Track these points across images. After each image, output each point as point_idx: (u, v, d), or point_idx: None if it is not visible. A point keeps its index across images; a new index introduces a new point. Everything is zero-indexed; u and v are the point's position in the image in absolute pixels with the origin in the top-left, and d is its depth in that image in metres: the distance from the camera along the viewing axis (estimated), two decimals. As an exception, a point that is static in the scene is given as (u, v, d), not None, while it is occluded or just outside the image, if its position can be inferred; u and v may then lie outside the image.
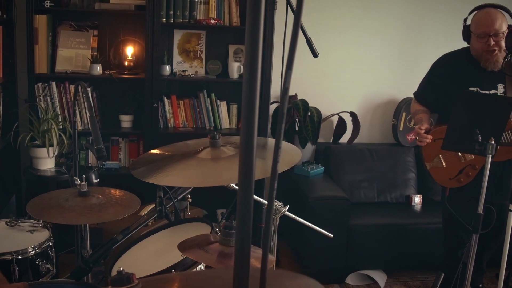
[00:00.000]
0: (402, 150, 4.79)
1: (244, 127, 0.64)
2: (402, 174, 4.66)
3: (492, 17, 3.21)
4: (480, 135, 2.82)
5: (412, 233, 4.15)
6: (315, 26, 4.65)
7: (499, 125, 2.89)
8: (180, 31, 4.49)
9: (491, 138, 2.79)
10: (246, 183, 0.66)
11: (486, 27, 3.20)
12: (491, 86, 3.30)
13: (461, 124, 2.93)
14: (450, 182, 3.36)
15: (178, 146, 2.34)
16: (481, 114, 2.88)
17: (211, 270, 1.88)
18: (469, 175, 3.31)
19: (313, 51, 2.83)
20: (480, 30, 3.22)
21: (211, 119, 4.45)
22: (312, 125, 4.53)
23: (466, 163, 3.32)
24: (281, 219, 2.49)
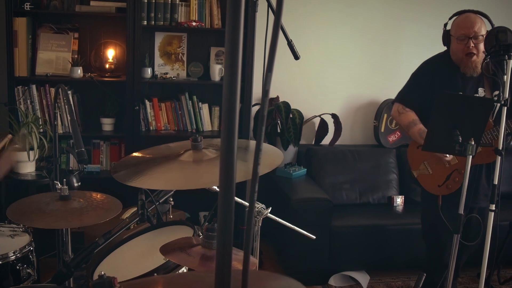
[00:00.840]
0: (384, 152, 4.82)
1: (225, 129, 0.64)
2: (383, 176, 4.69)
3: (471, 20, 3.25)
4: (460, 136, 2.85)
5: (394, 234, 4.17)
6: (296, 28, 4.66)
7: (479, 126, 2.91)
8: (161, 33, 4.48)
9: (471, 138, 2.81)
10: (227, 185, 0.66)
11: (466, 29, 3.24)
12: (473, 91, 3.33)
13: (441, 125, 2.95)
14: (440, 189, 3.37)
15: (159, 149, 2.33)
16: (461, 115, 2.90)
17: (193, 273, 1.87)
18: (457, 181, 3.33)
19: (295, 53, 2.83)
20: (460, 32, 3.25)
21: (193, 122, 4.44)
22: (294, 127, 4.54)
23: (452, 168, 3.34)
24: (263, 221, 2.49)
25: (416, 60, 3.56)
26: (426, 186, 3.44)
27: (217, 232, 0.68)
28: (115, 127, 4.38)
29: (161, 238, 2.18)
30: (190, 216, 4.35)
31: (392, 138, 4.87)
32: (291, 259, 4.11)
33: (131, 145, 4.17)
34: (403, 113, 3.43)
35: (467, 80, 3.34)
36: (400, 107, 3.45)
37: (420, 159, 3.43)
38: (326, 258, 4.07)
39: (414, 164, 3.48)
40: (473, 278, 4.27)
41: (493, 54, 3.13)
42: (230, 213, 0.67)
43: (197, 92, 4.51)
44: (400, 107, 3.46)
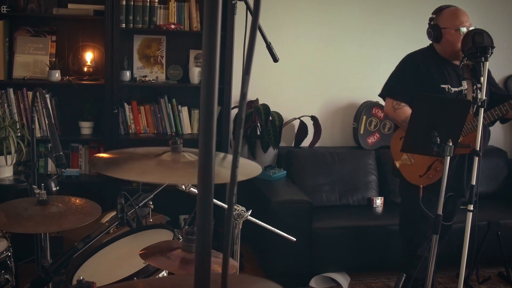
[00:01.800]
0: (363, 153, 4.84)
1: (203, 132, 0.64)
2: (363, 177, 4.71)
3: (466, 14, 3.37)
4: (438, 137, 2.87)
5: (374, 235, 4.20)
6: (275, 31, 4.67)
7: (457, 127, 2.94)
8: (140, 36, 4.46)
9: (449, 140, 2.84)
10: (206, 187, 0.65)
11: (466, 22, 3.34)
12: (458, 83, 3.38)
13: (419, 127, 2.98)
14: (421, 179, 3.40)
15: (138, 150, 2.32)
16: (439, 116, 2.93)
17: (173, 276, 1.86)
18: (438, 170, 3.34)
19: (273, 56, 2.83)
20: (461, 25, 3.32)
21: (172, 125, 4.43)
22: (274, 129, 4.55)
23: (433, 158, 3.36)
24: (244, 224, 2.49)
25: (395, 62, 3.59)
26: (407, 177, 3.46)
27: (196, 235, 0.67)
28: (93, 130, 4.35)
29: (140, 242, 2.17)
30: (170, 219, 4.33)
31: (371, 139, 4.90)
32: (272, 261, 4.11)
33: (110, 149, 4.13)
34: (399, 108, 3.42)
35: (453, 72, 3.39)
36: (394, 102, 3.43)
37: None
38: (306, 260, 4.08)
39: (396, 155, 3.49)
40: (452, 278, 4.31)
41: (470, 56, 3.17)
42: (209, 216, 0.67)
43: (177, 95, 4.49)
44: (394, 103, 3.43)
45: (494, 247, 4.22)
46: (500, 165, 5.18)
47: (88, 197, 2.59)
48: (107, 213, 3.43)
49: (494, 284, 4.28)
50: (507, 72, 5.50)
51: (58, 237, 3.59)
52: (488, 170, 4.95)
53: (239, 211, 2.42)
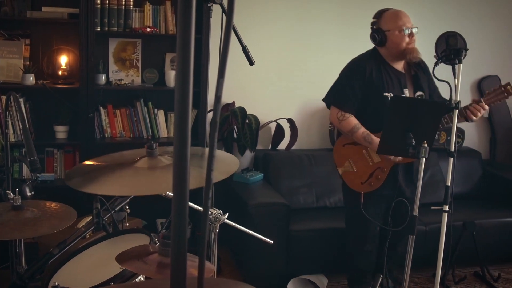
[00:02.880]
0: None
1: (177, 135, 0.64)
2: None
3: (406, 15, 3.42)
4: (413, 139, 2.90)
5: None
6: (251, 34, 4.68)
7: (431, 129, 2.98)
8: (115, 39, 4.43)
9: (424, 141, 2.87)
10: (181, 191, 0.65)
11: (408, 23, 3.39)
12: (400, 90, 3.43)
13: (395, 129, 3.00)
14: (362, 186, 3.45)
15: (114, 157, 2.31)
16: (414, 118, 2.96)
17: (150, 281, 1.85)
18: (379, 178, 3.42)
19: (249, 59, 2.83)
20: (403, 26, 3.37)
21: (148, 128, 4.41)
22: (250, 132, 4.55)
23: (375, 166, 3.42)
24: (221, 227, 2.49)
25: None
26: (349, 183, 3.52)
27: (171, 239, 0.67)
28: (69, 134, 4.31)
29: (117, 247, 2.15)
30: (147, 223, 4.31)
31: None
32: (250, 264, 4.11)
33: (85, 153, 4.11)
34: (344, 120, 3.42)
35: (395, 79, 3.44)
36: (340, 113, 3.43)
37: (345, 157, 3.51)
38: (284, 262, 4.08)
39: (339, 162, 3.55)
40: (428, 278, 4.34)
41: (444, 58, 3.21)
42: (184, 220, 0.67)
43: (153, 98, 4.47)
44: (339, 114, 3.43)
45: (469, 247, 4.27)
46: (474, 165, 5.23)
47: (63, 202, 2.56)
48: (83, 218, 3.40)
49: (470, 283, 4.33)
50: (480, 74, 5.57)
51: (33, 242, 3.55)
52: (463, 170, 5.01)
53: (216, 214, 2.42)
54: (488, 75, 5.58)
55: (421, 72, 3.53)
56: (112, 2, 4.17)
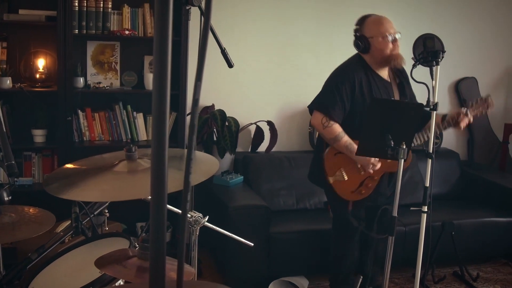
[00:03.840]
0: (319, 157, 4.88)
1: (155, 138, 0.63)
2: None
3: (389, 20, 3.45)
4: (392, 141, 2.92)
5: (331, 238, 4.22)
6: (231, 36, 4.68)
7: (410, 130, 3.00)
8: (93, 42, 4.41)
9: (403, 143, 2.89)
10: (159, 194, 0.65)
11: (391, 29, 3.41)
12: (387, 95, 3.45)
13: (374, 130, 3.02)
14: (352, 194, 3.47)
15: (93, 160, 2.29)
16: (393, 120, 2.98)
17: (129, 285, 1.84)
18: (369, 187, 3.44)
19: (228, 61, 2.83)
20: (386, 32, 3.39)
21: (127, 132, 4.38)
22: (230, 135, 4.55)
23: (366, 175, 3.44)
24: (202, 230, 2.48)
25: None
26: (340, 192, 3.50)
27: (150, 242, 0.67)
28: (47, 138, 4.27)
29: (96, 251, 2.14)
30: (127, 227, 4.29)
31: (327, 143, 4.94)
32: (230, 267, 4.10)
33: (64, 157, 4.07)
34: (328, 126, 3.39)
35: (380, 84, 3.47)
36: (324, 119, 3.40)
37: (337, 166, 3.49)
38: (264, 265, 4.09)
39: (330, 171, 3.50)
40: (408, 279, 4.37)
41: (422, 60, 3.24)
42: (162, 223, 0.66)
43: (132, 101, 4.45)
44: (324, 120, 3.40)
45: (448, 247, 4.31)
46: (453, 166, 5.29)
47: (42, 206, 2.54)
48: (62, 222, 3.37)
49: (449, 283, 4.37)
50: (457, 76, 5.63)
51: (11, 248, 3.51)
52: (441, 171, 5.06)
53: (196, 217, 2.41)
54: (465, 76, 5.64)
55: (404, 81, 3.56)
56: (90, 5, 4.15)
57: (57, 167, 4.14)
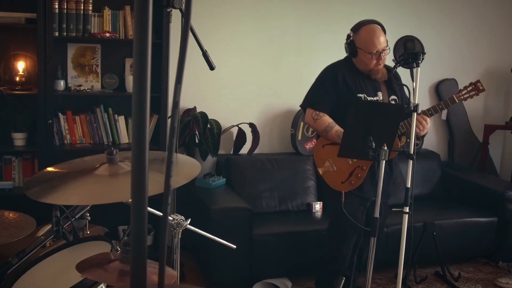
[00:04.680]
0: (301, 159, 4.89)
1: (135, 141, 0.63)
2: (302, 182, 4.76)
3: (381, 35, 3.43)
4: (373, 142, 2.93)
5: (314, 239, 4.23)
6: (212, 38, 4.67)
7: (391, 131, 3.01)
8: (74, 44, 4.37)
9: (384, 144, 2.91)
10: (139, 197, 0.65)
11: (378, 45, 3.40)
12: (373, 93, 3.48)
13: (355, 132, 3.03)
14: (343, 185, 3.48)
15: (74, 163, 2.28)
16: (374, 121, 2.99)
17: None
18: (359, 177, 3.45)
19: (210, 63, 2.83)
20: (373, 49, 3.39)
21: (109, 134, 4.36)
22: (212, 137, 4.54)
23: (354, 165, 3.46)
24: (184, 233, 2.47)
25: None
26: (330, 183, 3.54)
27: (131, 245, 0.66)
28: (27, 141, 4.23)
29: (78, 255, 2.12)
30: (109, 230, 4.26)
31: (309, 145, 4.95)
32: (213, 270, 4.09)
33: (44, 160, 4.04)
34: (318, 119, 3.49)
35: (369, 83, 3.49)
36: (314, 113, 3.51)
37: (325, 157, 3.53)
38: (247, 267, 4.08)
39: (319, 162, 3.58)
40: (391, 279, 4.39)
41: (403, 62, 3.27)
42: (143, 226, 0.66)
43: (113, 104, 4.43)
44: (313, 114, 3.51)
45: (430, 247, 4.33)
46: (434, 167, 5.33)
47: (22, 210, 2.52)
48: (43, 226, 3.34)
49: (431, 283, 4.39)
50: (438, 78, 5.67)
51: (-9, 252, 3.48)
52: (422, 172, 5.09)
53: (178, 220, 2.40)
54: (445, 78, 5.68)
55: (394, 80, 3.58)
56: (71, 7, 4.12)
57: (38, 170, 4.11)
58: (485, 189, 4.96)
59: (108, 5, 4.27)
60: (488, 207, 4.85)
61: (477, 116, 5.85)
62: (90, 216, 2.78)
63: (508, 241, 4.73)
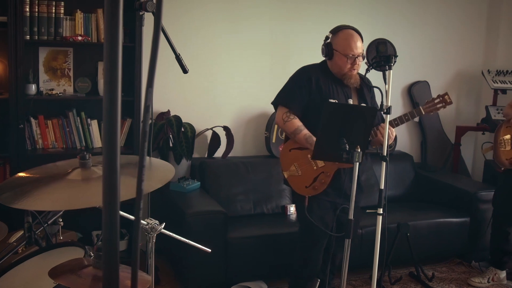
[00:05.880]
0: (276, 162, 4.88)
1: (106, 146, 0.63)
2: (276, 185, 4.76)
3: (358, 40, 3.43)
4: (347, 144, 2.95)
5: (289, 242, 4.23)
6: (186, 42, 4.66)
7: (364, 133, 3.03)
8: (45, 48, 4.33)
9: (357, 146, 2.92)
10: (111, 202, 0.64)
11: (355, 49, 3.40)
12: (345, 99, 3.49)
13: (329, 134, 3.05)
14: (307, 190, 3.48)
15: (46, 168, 2.25)
16: (347, 124, 3.01)
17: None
18: (323, 182, 3.46)
19: (183, 67, 2.82)
20: (349, 52, 3.39)
21: (82, 139, 4.32)
22: (186, 140, 4.52)
23: (319, 170, 3.47)
24: (159, 237, 2.46)
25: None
26: (294, 187, 3.55)
27: (103, 251, 0.66)
28: (-2, 147, 4.18)
29: (50, 261, 2.10)
30: (82, 236, 4.22)
31: (284, 148, 4.96)
32: (188, 274, 4.07)
33: (16, 166, 3.99)
34: (288, 121, 3.47)
35: (341, 89, 3.49)
36: (285, 115, 3.49)
37: (291, 161, 3.54)
38: (223, 271, 4.07)
39: (285, 166, 3.57)
40: (365, 280, 4.42)
41: (375, 64, 3.30)
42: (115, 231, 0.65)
43: (86, 108, 4.39)
44: (284, 115, 3.49)
45: (404, 248, 4.37)
46: (407, 169, 5.38)
47: (-7, 216, 2.49)
48: (15, 233, 3.29)
49: (405, 283, 4.43)
50: (410, 80, 5.73)
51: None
52: (396, 174, 5.14)
53: (152, 224, 2.39)
54: (417, 80, 5.74)
55: (365, 87, 3.59)
56: (42, 10, 4.07)
57: (9, 176, 4.05)
58: (458, 189, 5.02)
59: (80, 8, 4.24)
60: (461, 207, 4.91)
61: (449, 118, 5.92)
62: (63, 222, 2.75)
63: (481, 241, 4.79)
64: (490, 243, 4.56)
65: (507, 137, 4.33)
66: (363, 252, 4.15)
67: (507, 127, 4.37)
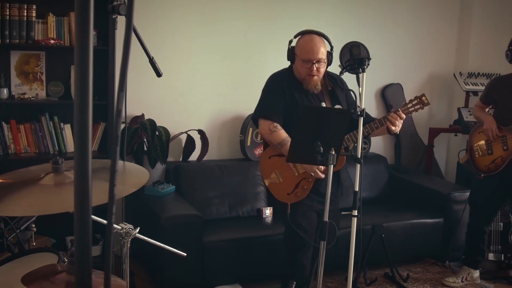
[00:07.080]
0: (251, 165, 4.90)
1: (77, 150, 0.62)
2: (252, 188, 4.76)
3: (317, 46, 3.41)
4: (321, 147, 2.96)
5: (265, 245, 4.25)
6: (159, 45, 4.64)
7: (338, 136, 3.05)
8: (17, 52, 4.27)
9: (332, 149, 2.93)
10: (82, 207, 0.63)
11: (311, 54, 3.40)
12: (317, 103, 3.50)
13: (303, 137, 3.05)
14: (289, 197, 3.49)
15: (19, 173, 2.23)
16: (321, 126, 3.02)
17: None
18: (305, 188, 3.47)
19: (156, 70, 2.81)
20: (306, 56, 3.40)
21: (55, 143, 4.27)
22: (161, 144, 4.50)
23: (300, 177, 3.48)
24: (134, 242, 2.44)
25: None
26: (276, 195, 3.55)
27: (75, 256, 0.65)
28: (-31, 152, 4.12)
29: (23, 268, 2.07)
30: (56, 241, 4.17)
31: (258, 151, 4.97)
32: (164, 278, 4.05)
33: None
34: (275, 131, 3.44)
35: (311, 95, 3.50)
36: (272, 125, 3.46)
37: (272, 169, 3.54)
38: (199, 274, 4.06)
39: (265, 173, 3.57)
40: (341, 282, 4.43)
41: (349, 67, 3.31)
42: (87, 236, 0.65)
43: (59, 112, 4.34)
44: (271, 126, 3.46)
45: (379, 249, 4.40)
46: (381, 170, 5.42)
47: (-36, 223, 2.45)
48: (-13, 239, 3.25)
49: (380, 284, 4.46)
50: (383, 82, 5.78)
51: None
52: (370, 176, 5.17)
53: (126, 229, 2.37)
54: (391, 83, 5.79)
55: (337, 88, 3.60)
56: (13, 13, 4.03)
57: (-19, 181, 3.99)
58: (431, 191, 5.07)
59: (53, 11, 4.19)
60: (434, 208, 4.96)
61: (422, 119, 5.98)
62: (36, 227, 2.72)
63: (454, 241, 4.84)
64: (465, 242, 4.60)
65: (481, 143, 4.37)
66: (338, 253, 4.16)
67: (479, 133, 4.42)
